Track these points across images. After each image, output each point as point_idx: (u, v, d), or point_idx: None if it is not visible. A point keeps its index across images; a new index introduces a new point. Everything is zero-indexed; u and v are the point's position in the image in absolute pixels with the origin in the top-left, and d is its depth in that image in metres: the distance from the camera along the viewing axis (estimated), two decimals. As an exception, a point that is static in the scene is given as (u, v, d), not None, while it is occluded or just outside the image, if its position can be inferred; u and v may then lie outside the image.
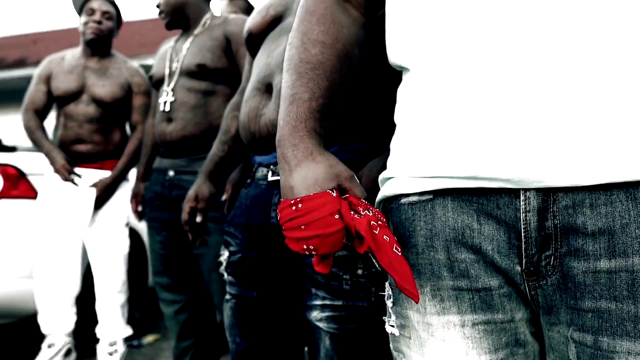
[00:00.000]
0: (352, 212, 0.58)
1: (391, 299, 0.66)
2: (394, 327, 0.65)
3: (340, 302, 0.94)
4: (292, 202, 0.59)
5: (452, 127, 0.56)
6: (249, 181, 1.14)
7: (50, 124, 2.43)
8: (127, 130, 2.42)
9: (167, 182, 1.87)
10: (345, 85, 0.74)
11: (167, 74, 1.89)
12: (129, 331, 2.31)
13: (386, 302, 0.67)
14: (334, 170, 0.61)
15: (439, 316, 0.59)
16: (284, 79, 0.70)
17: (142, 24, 9.00)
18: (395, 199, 0.65)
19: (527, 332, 0.60)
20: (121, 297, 2.27)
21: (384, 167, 0.78)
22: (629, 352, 0.49)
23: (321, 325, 0.96)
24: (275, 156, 1.05)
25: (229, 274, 1.14)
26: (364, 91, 0.96)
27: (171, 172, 1.86)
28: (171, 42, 2.01)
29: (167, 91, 1.85)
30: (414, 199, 0.62)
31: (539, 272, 0.55)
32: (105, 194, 2.22)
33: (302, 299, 1.01)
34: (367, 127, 0.99)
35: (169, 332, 2.02)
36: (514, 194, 0.54)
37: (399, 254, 0.57)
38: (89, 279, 2.38)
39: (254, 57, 1.21)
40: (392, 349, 0.68)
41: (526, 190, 0.53)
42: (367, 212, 0.58)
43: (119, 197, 2.27)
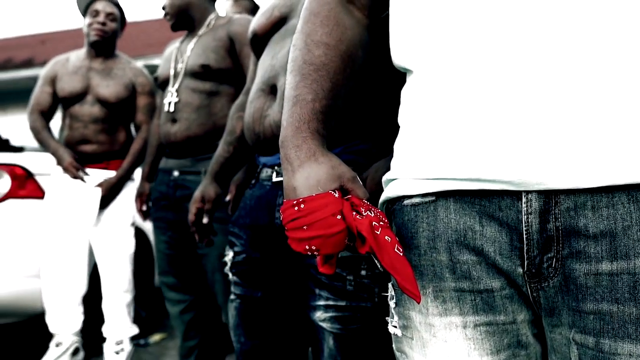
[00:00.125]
0: (354, 213, 0.58)
1: (394, 300, 0.66)
2: (396, 327, 0.65)
3: (343, 303, 0.94)
4: (295, 202, 0.59)
5: (455, 129, 0.57)
6: (253, 182, 1.14)
7: (56, 125, 2.44)
8: (132, 130, 2.43)
9: (171, 182, 1.88)
10: (348, 86, 0.74)
11: (172, 74, 1.89)
12: (135, 330, 2.33)
13: (389, 303, 0.68)
14: (336, 171, 0.62)
15: (441, 317, 0.59)
16: (287, 80, 0.71)
17: (149, 24, 9.04)
18: (398, 200, 0.65)
19: (529, 334, 0.59)
20: (127, 297, 2.28)
21: (388, 168, 0.78)
22: (630, 355, 0.49)
23: (325, 325, 0.96)
24: (279, 157, 1.05)
25: (233, 274, 1.14)
26: (368, 92, 0.96)
27: (176, 173, 1.87)
28: (177, 43, 2.02)
29: (171, 92, 1.86)
30: (417, 200, 0.62)
31: (540, 274, 0.55)
32: (110, 193, 2.23)
33: (306, 299, 1.01)
34: (372, 128, 0.99)
35: (175, 331, 2.03)
36: (516, 196, 0.54)
37: (401, 254, 0.57)
38: (95, 279, 2.40)
39: (258, 58, 1.21)
40: (394, 350, 0.68)
41: (528, 192, 0.53)
42: (369, 213, 0.59)
43: (124, 196, 2.29)
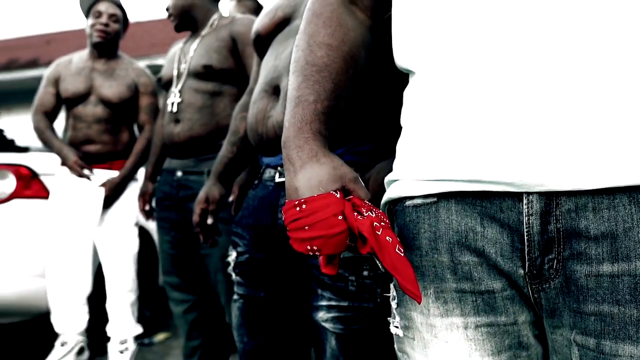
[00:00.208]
0: (355, 214, 0.59)
1: (395, 300, 0.66)
2: (398, 328, 0.66)
3: (346, 303, 0.95)
4: (297, 202, 0.59)
5: (457, 131, 0.57)
6: (256, 182, 1.15)
7: (59, 125, 2.46)
8: (136, 130, 2.44)
9: (175, 182, 1.89)
10: (351, 87, 0.74)
11: (175, 75, 1.90)
12: (139, 329, 2.33)
13: (391, 304, 0.68)
14: (338, 171, 0.62)
15: (442, 318, 0.59)
16: (290, 81, 0.71)
17: (153, 24, 9.07)
18: (400, 201, 0.65)
19: (530, 335, 0.59)
20: (131, 296, 2.29)
21: (390, 170, 0.78)
22: (631, 356, 0.49)
23: (327, 325, 0.96)
24: (282, 158, 1.05)
25: (236, 275, 1.15)
26: (370, 93, 0.96)
27: (179, 173, 1.88)
28: (180, 43, 2.02)
29: (174, 92, 1.86)
30: (419, 201, 0.62)
31: (541, 275, 0.55)
32: (114, 193, 2.24)
33: (309, 299, 1.01)
34: (374, 129, 0.99)
35: (179, 331, 2.04)
36: (517, 197, 0.54)
37: (402, 255, 0.57)
38: (100, 278, 2.41)
39: (261, 59, 1.22)
40: (396, 350, 0.68)
41: (529, 193, 0.53)
42: (370, 214, 0.59)
43: (127, 196, 2.29)
